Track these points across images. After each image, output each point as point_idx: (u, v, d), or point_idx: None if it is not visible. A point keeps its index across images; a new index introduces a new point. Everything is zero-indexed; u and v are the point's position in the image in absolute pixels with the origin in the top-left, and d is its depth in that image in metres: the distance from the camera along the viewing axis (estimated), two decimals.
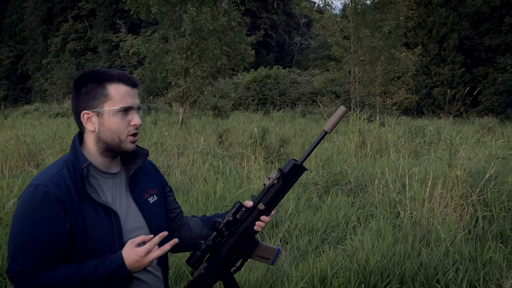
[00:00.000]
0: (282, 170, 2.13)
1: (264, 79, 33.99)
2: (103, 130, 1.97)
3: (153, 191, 2.19)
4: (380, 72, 20.47)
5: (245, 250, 2.19)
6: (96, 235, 1.91)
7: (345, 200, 6.82)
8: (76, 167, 1.93)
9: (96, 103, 1.96)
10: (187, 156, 9.68)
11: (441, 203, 5.98)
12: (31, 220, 1.84)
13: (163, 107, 26.50)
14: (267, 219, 2.16)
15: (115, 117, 1.96)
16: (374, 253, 4.72)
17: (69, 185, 1.89)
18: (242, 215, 2.15)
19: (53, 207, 1.83)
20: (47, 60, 50.29)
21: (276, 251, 2.27)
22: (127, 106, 1.97)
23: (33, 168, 9.30)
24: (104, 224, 1.93)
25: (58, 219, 1.84)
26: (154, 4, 16.52)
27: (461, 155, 6.86)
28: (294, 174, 2.14)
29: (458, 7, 37.54)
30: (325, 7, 23.81)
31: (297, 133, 13.66)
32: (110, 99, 1.96)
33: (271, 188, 2.14)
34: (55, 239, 1.85)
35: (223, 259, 2.14)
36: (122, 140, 1.99)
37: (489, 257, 4.83)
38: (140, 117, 2.05)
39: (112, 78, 1.98)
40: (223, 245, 2.13)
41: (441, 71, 35.73)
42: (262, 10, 49.47)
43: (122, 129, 1.98)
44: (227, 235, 2.11)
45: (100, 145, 2.00)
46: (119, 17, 44.06)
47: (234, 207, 2.11)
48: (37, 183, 1.88)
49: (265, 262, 2.28)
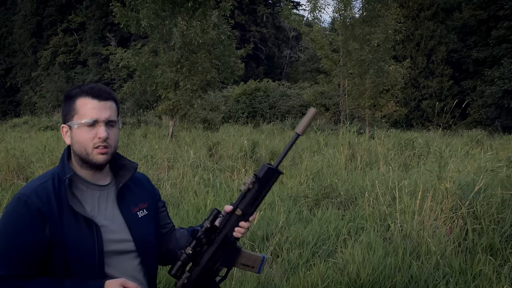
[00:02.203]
0: (257, 175, 2.14)
1: (253, 92, 34.04)
2: (73, 142, 2.03)
3: (143, 205, 2.20)
4: (369, 85, 20.55)
5: (227, 258, 2.18)
6: (75, 246, 1.93)
7: (335, 213, 6.82)
8: (62, 178, 1.97)
9: (68, 118, 2.04)
10: (177, 169, 9.66)
11: (431, 216, 5.99)
12: (11, 228, 1.89)
13: (153, 120, 26.45)
14: (246, 225, 2.15)
15: (81, 130, 2.00)
16: (365, 266, 4.72)
17: (50, 197, 1.92)
18: (221, 222, 2.16)
19: (32, 217, 1.88)
20: (36, 73, 50.10)
21: (260, 259, 2.26)
22: (91, 120, 2.00)
23: (23, 181, 9.23)
24: (85, 236, 1.95)
25: (37, 229, 1.88)
26: (144, 18, 16.56)
27: (450, 167, 6.90)
28: (269, 178, 2.15)
29: (446, 20, 37.92)
30: (314, 20, 23.90)
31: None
32: (77, 112, 2.02)
33: (247, 193, 2.14)
34: (33, 248, 1.89)
35: (205, 268, 2.13)
36: (88, 153, 2.01)
37: (479, 270, 4.85)
38: (116, 129, 2.08)
39: (80, 93, 2.04)
40: (204, 254, 2.13)
41: (429, 84, 36.00)
42: (252, 24, 49.62)
43: (87, 141, 2.00)
44: (207, 242, 2.12)
45: (76, 157, 2.05)
46: (109, 30, 44.00)
47: (211, 214, 2.14)
48: (20, 193, 1.93)
49: (251, 271, 2.26)
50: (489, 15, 35.15)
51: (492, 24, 35.08)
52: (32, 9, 52.13)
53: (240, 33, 40.49)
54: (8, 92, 55.38)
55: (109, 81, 40.47)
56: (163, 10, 17.01)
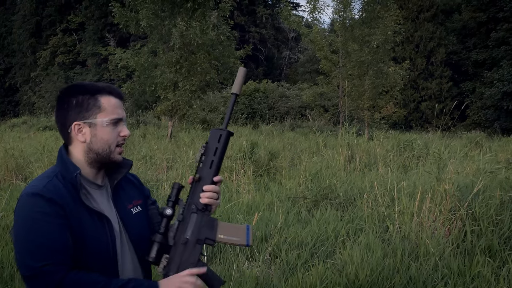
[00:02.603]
0: (207, 142, 2.14)
1: (253, 93, 34.06)
2: (95, 140, 2.00)
3: (137, 201, 2.21)
4: (368, 86, 20.57)
5: (205, 232, 2.07)
6: (93, 241, 1.92)
7: (334, 214, 6.82)
8: (66, 177, 1.94)
9: (88, 114, 2.00)
10: (176, 170, 9.66)
11: (429, 217, 5.99)
12: (36, 219, 1.83)
13: (152, 120, 26.47)
14: (211, 188, 2.09)
15: (107, 128, 2.01)
16: (364, 268, 4.72)
17: (63, 193, 1.89)
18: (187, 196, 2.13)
19: (52, 206, 1.84)
20: (35, 73, 50.11)
21: (244, 228, 2.13)
22: (118, 118, 2.04)
23: (21, 181, 9.24)
24: (100, 230, 1.95)
25: (59, 216, 1.84)
26: (143, 18, 16.54)
27: (449, 169, 6.89)
28: (216, 138, 2.14)
29: (445, 22, 37.97)
30: (314, 21, 23.87)
31: (286, 146, 13.68)
32: (102, 110, 2.01)
33: (201, 160, 2.12)
34: (63, 233, 1.84)
35: (184, 245, 2.04)
36: (112, 151, 2.02)
37: (478, 272, 4.85)
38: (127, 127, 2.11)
39: (103, 91, 2.04)
40: (177, 231, 2.06)
41: (429, 86, 36.04)
42: (251, 25, 49.65)
43: (112, 139, 2.02)
44: (181, 220, 2.06)
45: (90, 155, 2.02)
46: (108, 30, 44.01)
47: (173, 188, 2.10)
48: (31, 191, 1.88)
49: (238, 244, 2.10)
50: (488, 17, 35.19)
51: (492, 26, 35.13)
52: (31, 9, 52.13)
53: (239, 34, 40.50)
54: (7, 92, 55.40)
55: (108, 82, 40.41)
56: (162, 10, 17.01)
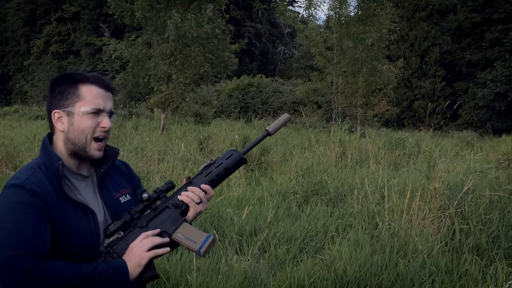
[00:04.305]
0: (224, 157, 2.16)
1: (246, 87, 34.05)
2: (72, 129, 1.96)
3: (126, 190, 2.18)
4: (362, 83, 20.59)
5: (166, 225, 2.02)
6: (75, 233, 1.89)
7: (324, 210, 6.83)
8: (49, 168, 1.91)
9: (68, 103, 1.97)
10: (167, 162, 9.64)
11: (419, 215, 6.01)
12: (13, 208, 1.81)
13: (145, 112, 26.39)
14: (194, 189, 2.09)
15: (85, 117, 1.96)
16: (352, 263, 4.73)
17: (46, 185, 1.87)
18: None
19: (33, 198, 1.82)
20: (28, 62, 49.91)
21: (205, 236, 2.02)
22: (98, 108, 1.98)
23: (11, 170, 9.20)
24: (83, 222, 1.93)
25: (40, 209, 1.82)
26: (138, 9, 16.49)
27: (439, 168, 6.91)
28: (224, 156, 2.16)
29: (440, 22, 38.06)
30: (309, 17, 23.88)
31: (278, 142, 13.67)
32: (81, 99, 1.97)
33: (204, 169, 2.15)
34: (41, 225, 1.82)
35: (140, 230, 2.00)
36: (88, 142, 1.97)
37: (465, 270, 4.87)
38: (113, 121, 2.05)
39: (85, 80, 2.00)
40: (144, 217, 2.03)
41: (422, 85, 36.15)
42: (247, 19, 49.59)
43: (89, 129, 1.96)
44: (154, 209, 2.04)
45: (68, 146, 1.98)
46: (103, 21, 43.85)
47: (166, 183, 2.09)
48: (13, 183, 1.86)
49: (192, 249, 2.00)
50: (483, 18, 35.31)
51: (486, 27, 35.26)
52: None
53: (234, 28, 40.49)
54: None
55: (102, 72, 40.27)
56: (158, 2, 16.96)
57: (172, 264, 4.67)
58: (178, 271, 4.56)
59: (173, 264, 4.66)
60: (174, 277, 4.51)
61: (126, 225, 2.00)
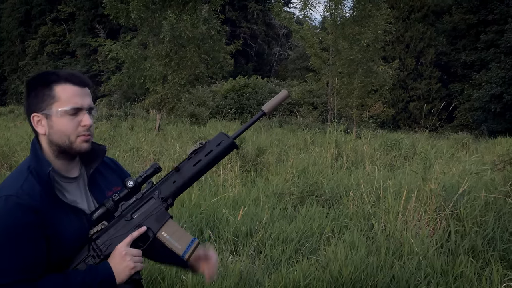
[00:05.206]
0: (208, 140, 2.08)
1: (242, 88, 34.00)
2: (53, 132, 1.92)
3: (117, 188, 2.13)
4: (357, 84, 20.59)
5: (152, 222, 1.98)
6: (70, 238, 1.88)
7: (320, 211, 6.83)
8: (40, 173, 1.87)
9: (44, 105, 1.91)
10: (163, 163, 9.63)
11: (414, 217, 6.01)
12: (7, 231, 1.77)
13: (140, 113, 26.34)
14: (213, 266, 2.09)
15: (64, 118, 1.90)
16: (347, 265, 4.72)
17: (39, 192, 1.83)
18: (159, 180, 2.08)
19: (28, 216, 1.77)
20: (23, 62, 49.83)
21: (190, 239, 1.98)
22: (76, 107, 1.92)
23: (6, 170, 9.19)
24: (76, 226, 1.91)
25: (37, 227, 1.79)
26: (133, 10, 16.45)
27: (435, 169, 6.92)
28: (215, 142, 2.07)
29: (436, 23, 38.11)
30: (305, 18, 23.90)
31: (274, 142, 13.67)
32: (57, 100, 1.90)
33: (191, 156, 2.06)
34: (37, 247, 1.79)
35: (125, 223, 1.97)
36: (72, 141, 1.92)
37: (460, 272, 4.87)
38: (94, 117, 2.00)
39: (59, 79, 1.92)
40: (128, 207, 2.00)
41: (417, 86, 36.20)
42: (242, 20, 49.59)
43: (71, 130, 1.91)
44: (139, 198, 2.01)
45: (53, 147, 1.94)
46: (98, 21, 43.81)
47: (151, 167, 2.03)
48: (6, 193, 1.81)
49: (176, 251, 1.97)
50: (478, 19, 35.38)
51: (481, 28, 35.33)
52: None
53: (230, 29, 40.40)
54: None
55: (97, 73, 40.25)
56: (153, 2, 16.93)
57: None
58: (173, 271, 4.55)
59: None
60: (170, 277, 4.50)
61: (109, 213, 1.97)
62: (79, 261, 1.91)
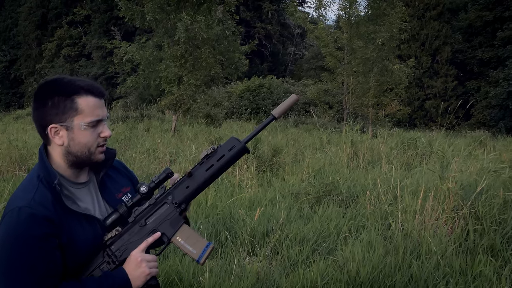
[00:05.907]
0: (220, 145, 2.09)
1: (257, 88, 34.00)
2: (73, 144, 1.91)
3: (126, 189, 2.16)
4: (373, 83, 20.49)
5: (166, 227, 2.01)
6: (83, 246, 1.89)
7: (336, 210, 6.81)
8: (49, 182, 1.87)
9: (65, 117, 1.90)
10: (179, 164, 9.66)
11: (432, 216, 5.97)
12: (23, 243, 1.76)
13: (156, 114, 26.45)
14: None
15: (86, 131, 1.91)
16: (365, 265, 4.71)
17: (51, 201, 1.84)
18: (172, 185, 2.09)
19: (42, 226, 1.78)
20: (40, 65, 50.23)
21: (205, 244, 2.01)
22: (97, 119, 1.93)
23: (24, 173, 9.26)
24: (90, 234, 1.92)
25: (50, 237, 1.79)
26: (148, 12, 16.53)
27: (452, 167, 6.87)
28: (227, 146, 2.08)
29: (451, 21, 37.86)
30: (319, 18, 23.82)
31: (290, 142, 13.65)
32: (80, 113, 1.90)
33: (203, 161, 2.07)
34: (51, 258, 1.80)
35: (140, 229, 1.99)
36: (92, 152, 1.94)
37: (480, 271, 4.83)
38: (108, 127, 2.00)
39: (80, 90, 1.91)
40: (142, 212, 2.02)
41: (433, 84, 35.96)
42: (257, 20, 49.61)
43: (92, 142, 1.93)
44: (152, 202, 2.02)
45: (69, 158, 1.94)
46: (114, 24, 44.05)
47: (163, 172, 2.04)
48: (20, 205, 1.80)
49: (191, 256, 2.00)
50: (495, 16, 35.07)
51: (498, 25, 35.02)
52: (37, 1, 52.23)
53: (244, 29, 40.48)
54: (12, 84, 55.42)
55: (113, 75, 40.54)
56: (168, 4, 16.98)
57: (185, 265, 4.67)
58: (190, 272, 4.56)
59: (186, 266, 4.66)
60: (187, 278, 4.51)
61: (123, 218, 1.99)
62: (94, 267, 1.93)
